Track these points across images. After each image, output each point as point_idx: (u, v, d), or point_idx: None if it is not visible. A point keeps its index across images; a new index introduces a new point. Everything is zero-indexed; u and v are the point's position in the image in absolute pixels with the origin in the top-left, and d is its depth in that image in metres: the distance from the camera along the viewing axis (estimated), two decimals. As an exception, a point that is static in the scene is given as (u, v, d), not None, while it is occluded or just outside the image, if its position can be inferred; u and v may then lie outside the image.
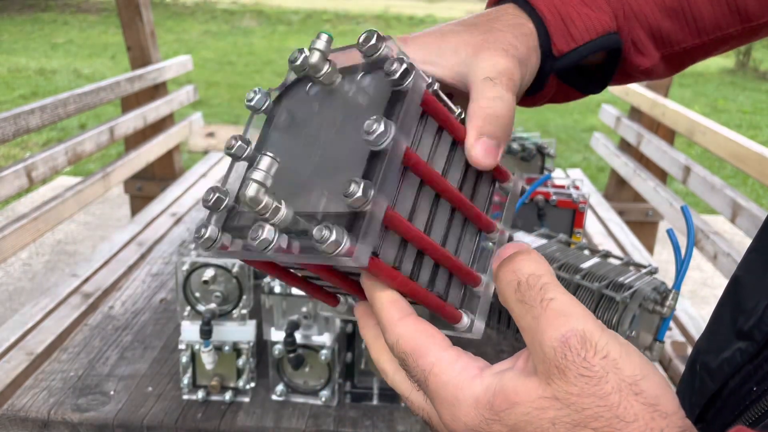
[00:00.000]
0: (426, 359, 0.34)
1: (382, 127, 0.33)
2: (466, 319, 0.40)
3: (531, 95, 0.51)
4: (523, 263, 0.33)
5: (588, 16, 0.47)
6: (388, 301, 0.36)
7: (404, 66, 0.35)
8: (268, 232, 0.33)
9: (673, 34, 0.51)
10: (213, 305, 1.10)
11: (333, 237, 0.31)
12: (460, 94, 0.45)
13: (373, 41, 0.36)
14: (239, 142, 0.39)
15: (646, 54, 0.51)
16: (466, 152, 0.39)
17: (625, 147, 3.28)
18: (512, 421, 0.31)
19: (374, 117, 0.33)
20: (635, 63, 0.52)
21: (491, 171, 0.41)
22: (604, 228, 2.45)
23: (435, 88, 0.38)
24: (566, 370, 0.30)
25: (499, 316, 1.33)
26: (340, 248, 0.32)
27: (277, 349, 1.08)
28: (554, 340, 0.30)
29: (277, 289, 1.07)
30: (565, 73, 0.52)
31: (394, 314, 0.35)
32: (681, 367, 1.49)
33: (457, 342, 0.37)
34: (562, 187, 1.61)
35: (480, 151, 0.39)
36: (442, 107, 0.38)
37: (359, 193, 0.32)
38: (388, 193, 0.33)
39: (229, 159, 0.41)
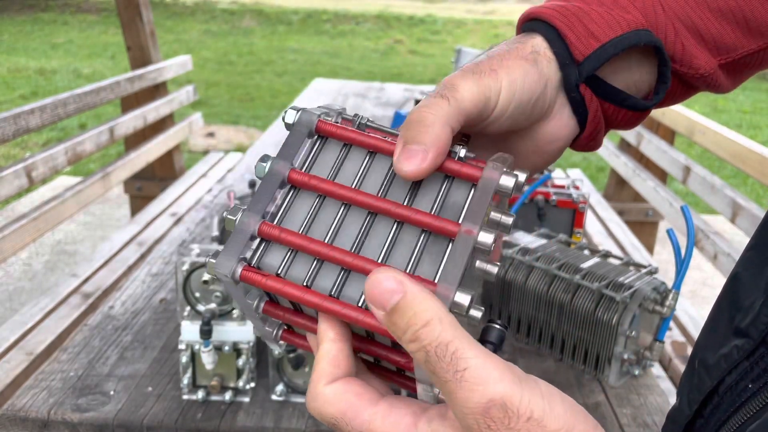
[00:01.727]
0: (359, 419, 0.34)
1: (264, 162, 0.39)
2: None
3: (581, 132, 0.48)
4: (425, 331, 0.31)
5: (610, 14, 0.44)
6: (321, 356, 0.35)
7: (297, 111, 0.41)
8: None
9: (725, 37, 0.46)
10: (213, 305, 1.10)
11: (213, 259, 0.37)
12: (479, 135, 0.44)
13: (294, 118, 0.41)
14: None
15: (700, 57, 0.47)
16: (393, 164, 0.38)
17: (625, 147, 3.28)
18: None
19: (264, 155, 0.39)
20: (692, 64, 0.47)
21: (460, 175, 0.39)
22: (604, 228, 2.46)
23: (335, 119, 0.42)
24: None
25: (499, 315, 1.33)
26: (215, 265, 0.36)
27: (277, 349, 1.08)
28: (475, 414, 0.30)
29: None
30: (612, 93, 0.47)
31: (321, 377, 0.35)
32: (681, 367, 1.49)
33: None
34: (562, 187, 1.61)
35: (401, 159, 0.37)
36: (344, 130, 0.41)
37: (229, 215, 0.37)
38: (257, 209, 0.38)
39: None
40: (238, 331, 1.11)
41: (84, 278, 1.96)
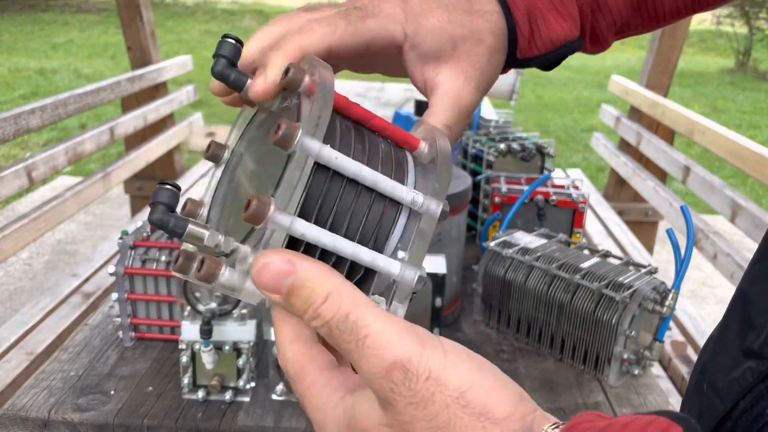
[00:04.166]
0: (303, 383, 0.35)
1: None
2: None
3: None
4: (325, 307, 0.32)
5: (552, 25, 0.48)
6: (279, 319, 0.36)
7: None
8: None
9: (632, 22, 0.52)
10: (213, 305, 1.11)
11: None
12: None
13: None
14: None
15: (602, 42, 0.52)
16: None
17: (625, 147, 3.28)
18: None
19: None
20: (587, 50, 0.53)
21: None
22: (604, 228, 2.46)
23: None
24: (395, 403, 0.30)
25: (499, 315, 1.33)
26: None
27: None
28: (380, 378, 0.31)
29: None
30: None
31: (285, 336, 0.36)
32: (681, 367, 1.49)
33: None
34: (562, 187, 1.61)
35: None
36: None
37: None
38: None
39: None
40: (239, 331, 1.11)
41: (84, 278, 1.96)
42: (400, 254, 0.37)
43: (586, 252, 1.33)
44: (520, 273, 1.26)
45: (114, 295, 1.25)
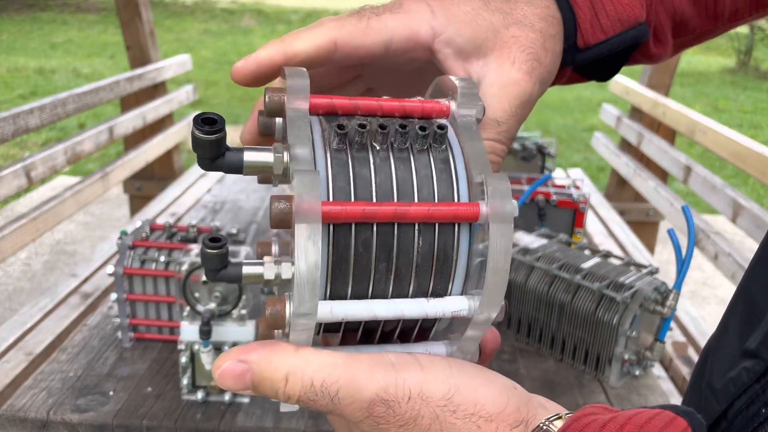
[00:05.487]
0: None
1: None
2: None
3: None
4: (290, 387, 0.31)
5: (620, 2, 0.42)
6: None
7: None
8: None
9: (692, 20, 0.47)
10: (212, 305, 1.10)
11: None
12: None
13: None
14: None
15: (664, 42, 0.47)
16: None
17: (626, 147, 3.27)
18: None
19: None
20: (651, 53, 0.47)
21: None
22: (605, 228, 2.45)
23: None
24: (386, 430, 0.31)
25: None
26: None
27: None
28: (365, 420, 0.31)
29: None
30: (585, 69, 0.47)
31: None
32: (682, 368, 1.49)
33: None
34: (563, 186, 1.61)
35: None
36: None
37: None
38: None
39: None
40: (238, 331, 1.10)
41: (83, 278, 1.95)
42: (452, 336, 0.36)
43: (586, 252, 1.32)
44: (520, 273, 1.26)
45: (113, 296, 1.24)
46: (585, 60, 0.44)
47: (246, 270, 0.33)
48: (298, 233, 0.29)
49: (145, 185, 3.33)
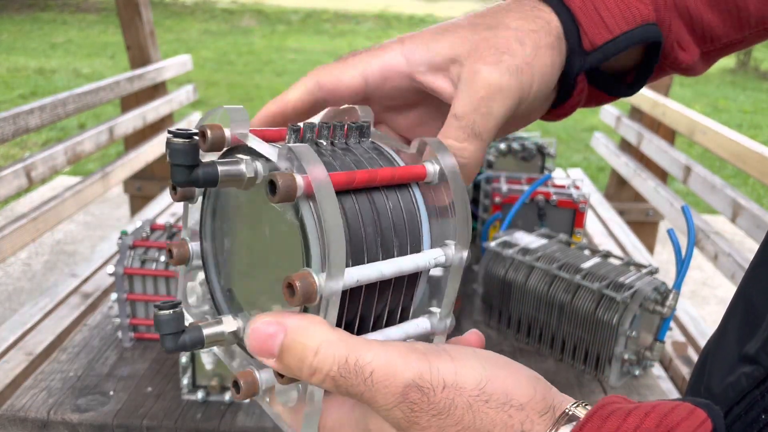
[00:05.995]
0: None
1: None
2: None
3: (561, 104, 0.46)
4: (320, 359, 0.31)
5: (624, 2, 0.42)
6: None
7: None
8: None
9: (716, 28, 0.46)
10: (212, 305, 1.10)
11: None
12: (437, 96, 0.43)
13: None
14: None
15: (687, 49, 0.46)
16: None
17: (626, 147, 3.28)
18: None
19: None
20: (678, 59, 0.46)
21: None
22: (605, 228, 2.45)
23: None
24: (419, 420, 0.31)
25: (499, 316, 1.32)
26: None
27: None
28: (398, 405, 0.31)
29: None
30: (595, 74, 0.46)
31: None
32: (682, 368, 1.49)
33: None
34: (563, 186, 1.61)
35: None
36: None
37: None
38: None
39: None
40: (238, 332, 1.11)
41: (83, 278, 1.95)
42: (433, 309, 0.38)
43: (586, 252, 1.33)
44: (520, 273, 1.26)
45: (113, 296, 1.25)
46: (596, 62, 0.43)
47: (207, 332, 0.35)
48: (320, 199, 0.31)
49: (146, 185, 3.33)
